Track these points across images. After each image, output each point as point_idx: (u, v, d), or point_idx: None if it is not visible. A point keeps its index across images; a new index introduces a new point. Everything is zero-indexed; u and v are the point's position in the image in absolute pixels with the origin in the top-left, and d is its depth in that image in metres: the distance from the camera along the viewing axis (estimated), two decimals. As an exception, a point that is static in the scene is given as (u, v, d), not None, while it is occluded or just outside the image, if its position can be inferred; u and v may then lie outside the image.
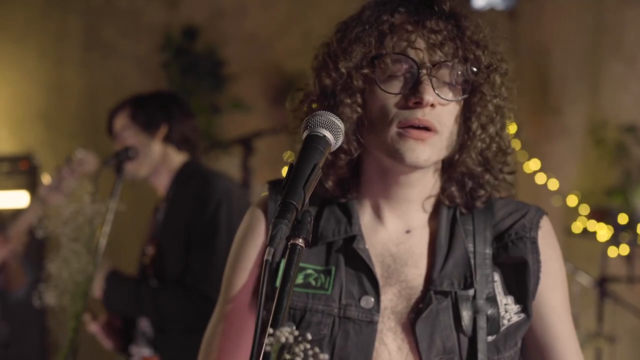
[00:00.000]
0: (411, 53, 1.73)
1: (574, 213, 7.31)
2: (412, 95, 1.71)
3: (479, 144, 1.82)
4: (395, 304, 1.79)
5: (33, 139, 6.94)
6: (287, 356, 1.30)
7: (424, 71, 1.72)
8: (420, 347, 1.73)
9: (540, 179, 7.42)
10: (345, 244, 1.84)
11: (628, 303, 6.51)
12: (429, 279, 1.80)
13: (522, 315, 1.82)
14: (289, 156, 1.96)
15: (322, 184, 1.88)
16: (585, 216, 7.23)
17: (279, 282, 1.70)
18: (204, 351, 1.98)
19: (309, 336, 1.53)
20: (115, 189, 3.38)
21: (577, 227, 7.16)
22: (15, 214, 4.22)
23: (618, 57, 7.63)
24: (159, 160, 3.63)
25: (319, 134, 1.56)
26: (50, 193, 3.97)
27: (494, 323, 1.77)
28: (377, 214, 1.89)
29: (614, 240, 6.86)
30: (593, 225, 7.08)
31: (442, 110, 1.74)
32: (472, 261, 1.81)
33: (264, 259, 1.34)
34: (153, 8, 7.45)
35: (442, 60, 1.73)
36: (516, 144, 7.39)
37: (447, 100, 1.74)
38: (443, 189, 1.89)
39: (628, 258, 7.00)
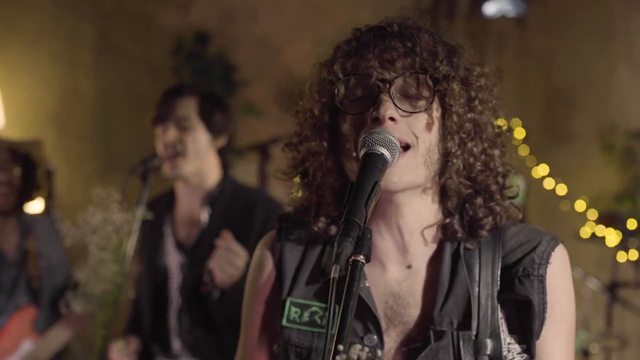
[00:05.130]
0: (366, 72, 1.73)
1: (582, 218, 7.32)
2: (372, 113, 1.70)
3: (458, 162, 1.73)
4: (398, 344, 1.77)
5: (45, 143, 6.95)
6: None
7: (381, 87, 1.70)
8: None
9: (549, 184, 7.44)
10: None
11: (637, 308, 6.53)
12: (429, 318, 1.76)
13: (525, 356, 1.76)
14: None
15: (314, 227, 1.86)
16: (593, 221, 7.24)
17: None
18: None
19: (379, 353, 1.56)
20: (141, 196, 3.40)
21: (585, 232, 7.16)
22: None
23: (627, 63, 7.65)
24: (206, 167, 3.60)
25: (376, 152, 1.61)
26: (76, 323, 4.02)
27: None
28: (378, 249, 1.83)
29: (623, 246, 6.87)
30: (601, 230, 7.09)
31: (410, 124, 1.70)
32: (476, 299, 1.75)
33: (331, 276, 1.39)
34: (164, 13, 7.47)
35: (396, 75, 1.71)
36: (525, 149, 7.43)
37: (407, 112, 1.70)
38: (443, 225, 1.82)
39: (636, 263, 7.02)
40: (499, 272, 1.78)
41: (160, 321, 3.58)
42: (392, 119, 1.68)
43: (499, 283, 1.78)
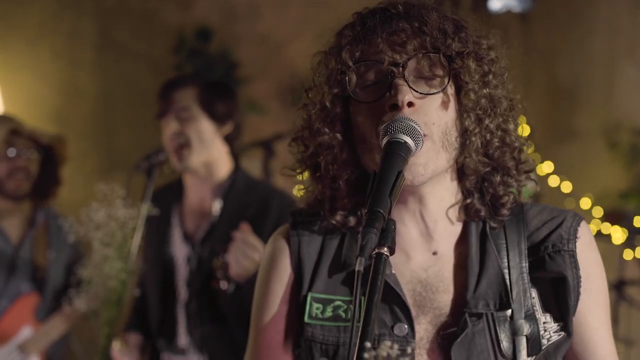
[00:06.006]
0: (377, 58, 1.68)
1: (587, 215, 7.27)
2: (388, 99, 1.65)
3: (477, 140, 1.71)
4: (430, 332, 1.72)
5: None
6: None
7: (394, 71, 1.66)
8: None
9: (554, 181, 7.39)
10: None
11: (643, 306, 6.51)
12: (462, 302, 1.72)
13: (562, 333, 1.73)
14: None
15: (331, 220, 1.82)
16: (599, 219, 7.20)
17: None
18: None
19: (411, 344, 1.51)
20: (146, 192, 3.35)
21: (590, 229, 7.12)
22: None
23: (632, 60, 7.62)
24: (215, 157, 3.54)
25: (399, 140, 1.57)
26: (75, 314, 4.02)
27: (534, 343, 1.69)
28: (401, 237, 1.78)
29: (629, 243, 6.83)
30: (607, 228, 7.05)
31: (426, 107, 1.66)
32: (507, 278, 1.72)
33: (356, 269, 1.34)
34: (166, 9, 7.44)
35: (408, 57, 1.66)
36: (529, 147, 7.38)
37: (424, 93, 1.66)
38: (465, 205, 1.80)
39: (640, 261, 6.99)
40: (526, 252, 1.76)
41: (166, 315, 3.52)
42: (410, 103, 1.64)
43: (527, 262, 1.75)
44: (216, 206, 3.50)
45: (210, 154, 3.50)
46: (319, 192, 1.83)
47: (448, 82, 1.68)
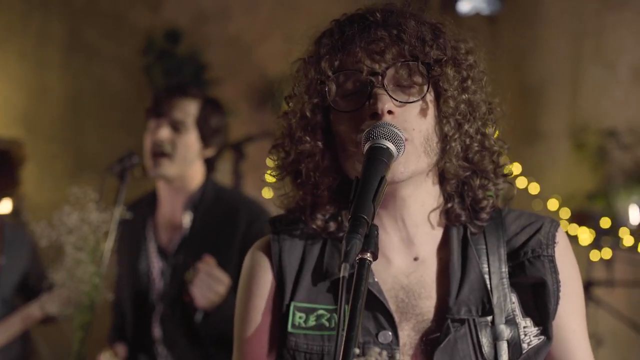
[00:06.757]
0: (356, 67, 1.69)
1: (554, 217, 7.29)
2: (368, 108, 1.66)
3: (456, 145, 1.71)
4: (413, 338, 1.72)
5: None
6: None
7: (373, 81, 1.67)
8: None
9: (521, 183, 7.44)
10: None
11: (610, 307, 6.56)
12: (445, 307, 1.72)
13: (542, 337, 1.74)
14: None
15: (312, 225, 1.83)
16: (566, 220, 7.25)
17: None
18: None
19: (396, 350, 1.54)
20: (119, 196, 3.31)
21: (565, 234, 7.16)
22: None
23: (598, 61, 7.68)
24: (190, 173, 3.52)
25: (382, 145, 1.57)
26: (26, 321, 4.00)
27: (515, 348, 1.71)
28: (382, 243, 1.77)
29: (596, 244, 6.89)
30: (574, 229, 7.11)
31: (406, 115, 1.67)
32: (488, 284, 1.73)
33: (341, 275, 1.34)
34: (136, 11, 7.40)
35: (387, 66, 1.67)
36: (497, 148, 7.40)
37: (403, 102, 1.67)
38: (446, 210, 1.81)
39: (609, 262, 7.04)
40: (505, 257, 1.77)
41: (143, 329, 3.49)
42: (390, 112, 1.65)
43: (507, 267, 1.76)
44: (186, 219, 3.48)
45: (187, 169, 3.48)
46: (300, 198, 1.83)
47: (427, 90, 1.69)
